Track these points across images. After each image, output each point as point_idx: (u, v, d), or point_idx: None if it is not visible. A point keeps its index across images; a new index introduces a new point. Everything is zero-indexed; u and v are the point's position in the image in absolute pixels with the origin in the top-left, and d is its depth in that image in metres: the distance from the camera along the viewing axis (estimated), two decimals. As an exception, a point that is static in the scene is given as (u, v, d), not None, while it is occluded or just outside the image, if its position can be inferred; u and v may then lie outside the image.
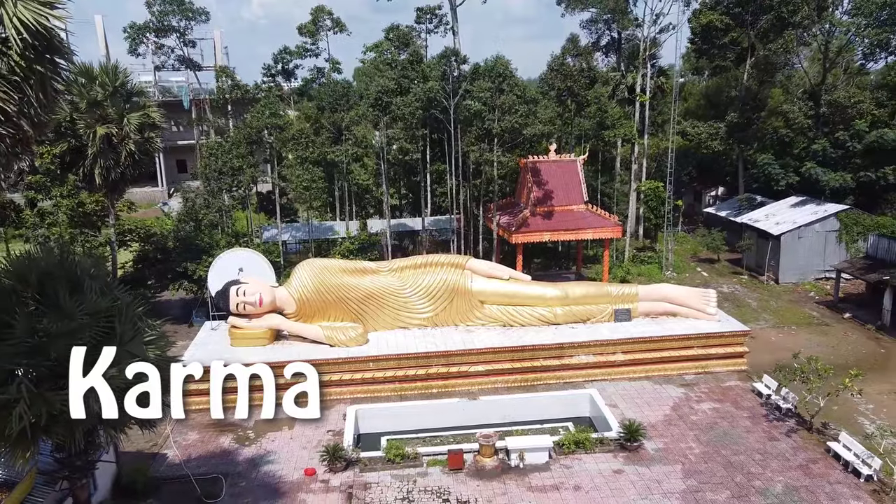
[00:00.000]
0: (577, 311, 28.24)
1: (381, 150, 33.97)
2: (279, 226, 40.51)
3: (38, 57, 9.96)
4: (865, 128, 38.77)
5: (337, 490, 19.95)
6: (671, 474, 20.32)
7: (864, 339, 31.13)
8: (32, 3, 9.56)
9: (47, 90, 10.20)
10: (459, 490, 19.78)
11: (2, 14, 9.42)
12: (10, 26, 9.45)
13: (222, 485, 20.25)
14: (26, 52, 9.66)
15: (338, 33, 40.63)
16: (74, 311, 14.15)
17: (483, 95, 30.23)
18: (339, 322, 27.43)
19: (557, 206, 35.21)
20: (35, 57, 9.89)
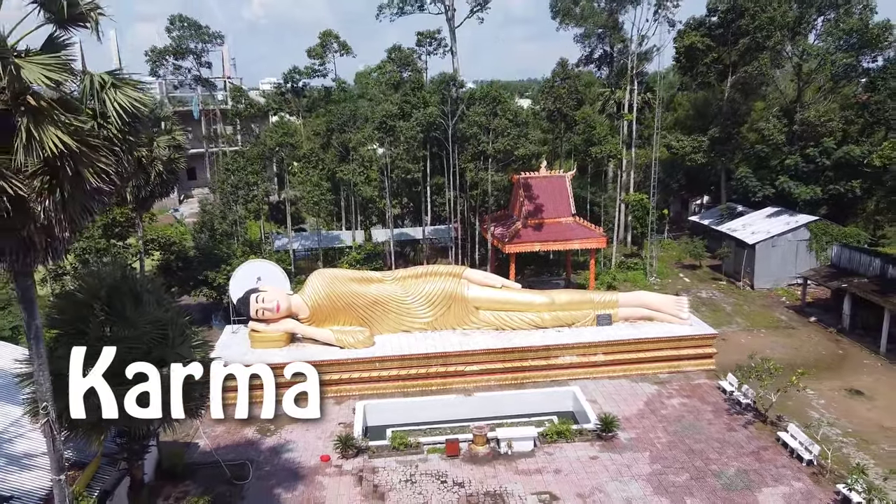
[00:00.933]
0: (562, 316, 31.25)
1: (386, 168, 36.97)
2: (289, 235, 43.52)
3: (130, 129, 12.96)
4: (833, 145, 41.79)
5: (349, 474, 22.97)
6: (640, 460, 23.35)
7: (826, 341, 34.17)
8: (127, 91, 12.56)
9: (133, 152, 13.21)
10: (455, 473, 22.80)
11: (105, 99, 12.42)
12: (111, 108, 12.45)
13: (249, 469, 23.27)
14: (122, 126, 12.67)
15: (343, 55, 43.62)
16: (137, 320, 17.21)
17: (479, 119, 33.24)
18: (348, 326, 30.41)
19: (547, 219, 38.21)
20: (127, 129, 12.89)
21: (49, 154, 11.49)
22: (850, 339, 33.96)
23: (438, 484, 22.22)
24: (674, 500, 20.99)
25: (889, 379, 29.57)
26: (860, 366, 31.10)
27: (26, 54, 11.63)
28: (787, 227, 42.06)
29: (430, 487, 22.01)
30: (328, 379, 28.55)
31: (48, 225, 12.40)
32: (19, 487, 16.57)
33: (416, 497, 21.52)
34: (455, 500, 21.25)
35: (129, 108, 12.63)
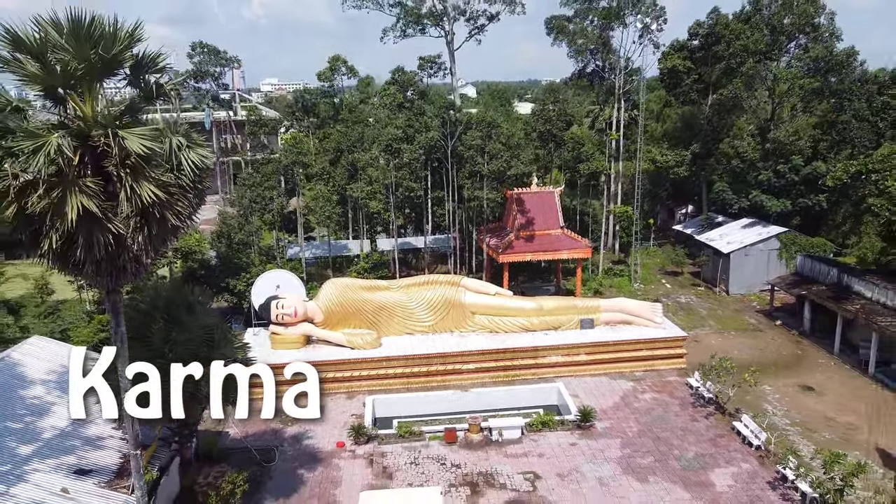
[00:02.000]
0: (549, 320, 34.91)
1: (391, 186, 40.62)
2: (301, 244, 47.21)
3: (198, 178, 16.63)
4: (801, 163, 45.45)
5: (361, 457, 26.64)
6: (612, 445, 27.03)
7: (787, 343, 37.85)
8: (197, 150, 16.21)
9: (203, 196, 16.91)
10: (453, 457, 26.47)
11: (181, 157, 16.07)
12: (186, 164, 16.10)
13: (275, 453, 26.95)
14: (193, 177, 16.33)
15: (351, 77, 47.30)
16: (192, 326, 20.90)
17: (475, 143, 36.91)
18: (358, 329, 34.06)
19: (538, 231, 41.87)
20: (197, 178, 16.55)
21: (144, 203, 15.19)
22: (810, 340, 37.64)
23: (438, 466, 25.89)
24: (638, 478, 24.67)
25: (838, 376, 33.26)
26: (815, 365, 34.79)
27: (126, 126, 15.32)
28: (760, 238, 45.73)
29: (432, 468, 25.69)
30: (341, 376, 32.40)
31: (138, 254, 16.09)
32: (96, 463, 20.24)
33: (419, 476, 25.19)
34: (453, 479, 24.93)
35: (198, 162, 16.31)
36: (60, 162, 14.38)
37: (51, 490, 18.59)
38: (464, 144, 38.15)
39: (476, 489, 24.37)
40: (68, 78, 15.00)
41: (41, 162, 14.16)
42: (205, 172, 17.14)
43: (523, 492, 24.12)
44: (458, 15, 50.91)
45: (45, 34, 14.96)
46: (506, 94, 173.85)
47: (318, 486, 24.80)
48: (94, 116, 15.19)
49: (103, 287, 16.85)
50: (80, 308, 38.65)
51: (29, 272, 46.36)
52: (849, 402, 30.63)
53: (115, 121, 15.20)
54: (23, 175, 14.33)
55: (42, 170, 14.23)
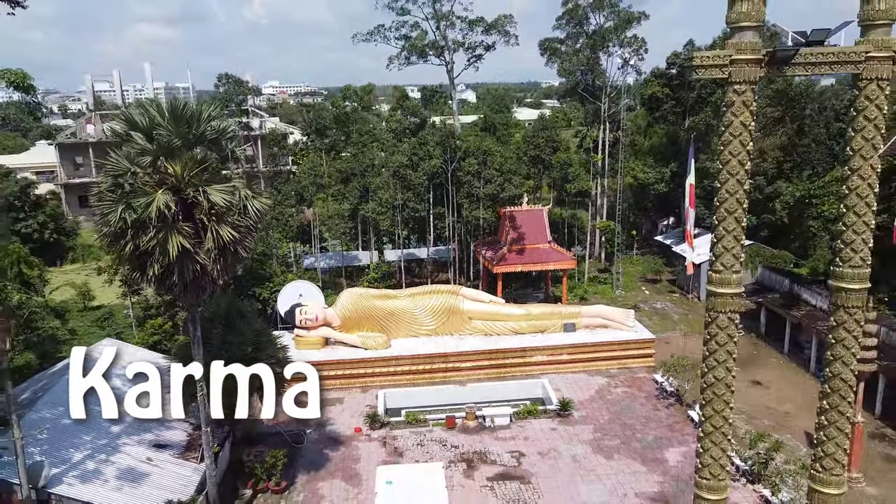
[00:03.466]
0: (536, 324, 40.18)
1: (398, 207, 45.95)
2: (316, 255, 52.51)
3: (259, 219, 21.94)
4: (764, 182, 50.74)
5: (376, 440, 31.90)
6: (586, 430, 32.29)
7: (745, 344, 43.07)
8: (260, 199, 21.53)
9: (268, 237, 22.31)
10: (452, 440, 31.72)
11: (247, 205, 21.35)
12: (251, 210, 21.37)
13: (304, 436, 32.19)
14: (256, 219, 21.64)
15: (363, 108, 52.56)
16: (244, 331, 26.19)
17: (471, 169, 42.22)
18: (370, 332, 39.31)
19: (528, 245, 47.11)
20: (258, 220, 21.86)
21: (223, 241, 20.49)
22: (765, 342, 42.94)
23: (440, 446, 31.15)
24: (605, 456, 29.96)
25: (784, 373, 38.55)
26: (766, 363, 40.08)
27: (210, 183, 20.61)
28: (727, 250, 50.88)
29: (434, 448, 30.97)
30: (356, 373, 37.71)
31: (215, 278, 21.40)
32: (169, 439, 25.52)
33: (424, 455, 30.47)
34: (452, 457, 30.20)
35: (260, 208, 21.65)
36: (165, 212, 19.70)
37: (138, 459, 23.89)
38: (462, 170, 43.52)
39: (471, 465, 29.65)
40: (168, 149, 20.32)
41: (152, 212, 19.47)
42: (263, 216, 22.52)
43: (510, 466, 29.41)
44: (458, 46, 56.20)
45: (152, 118, 20.29)
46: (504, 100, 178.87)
47: (341, 462, 30.09)
48: (186, 177, 20.49)
49: (188, 302, 22.19)
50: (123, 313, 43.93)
51: (74, 279, 51.72)
52: (789, 394, 35.94)
53: (202, 180, 20.54)
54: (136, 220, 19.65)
55: (153, 218, 19.56)
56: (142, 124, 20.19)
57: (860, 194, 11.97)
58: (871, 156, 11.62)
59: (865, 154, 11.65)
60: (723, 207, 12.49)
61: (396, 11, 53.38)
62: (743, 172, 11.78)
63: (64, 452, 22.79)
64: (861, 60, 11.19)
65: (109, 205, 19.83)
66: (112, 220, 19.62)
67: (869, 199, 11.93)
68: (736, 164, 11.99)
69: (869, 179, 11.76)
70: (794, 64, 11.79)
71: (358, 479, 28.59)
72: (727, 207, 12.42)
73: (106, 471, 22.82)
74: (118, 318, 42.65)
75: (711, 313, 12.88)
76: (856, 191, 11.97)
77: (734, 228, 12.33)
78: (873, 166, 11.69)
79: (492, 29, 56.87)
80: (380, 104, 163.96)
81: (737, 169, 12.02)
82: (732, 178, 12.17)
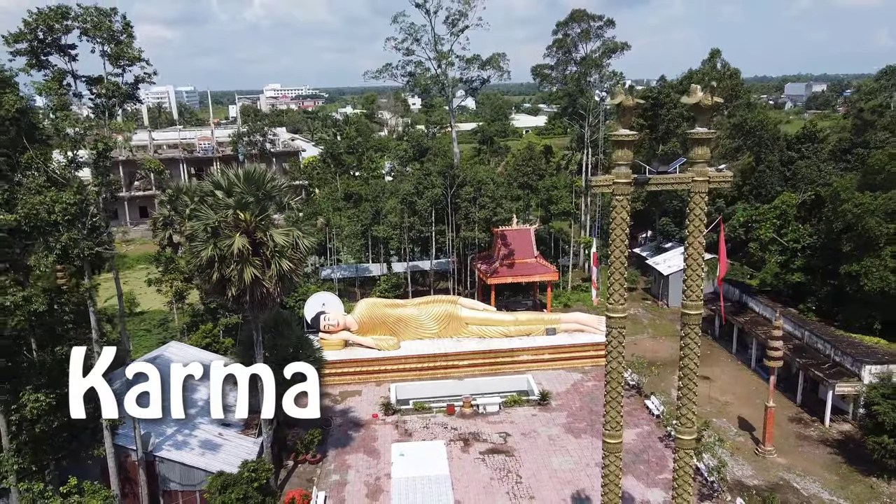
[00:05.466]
0: (523, 329, 47.54)
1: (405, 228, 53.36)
2: (332, 267, 59.88)
3: (307, 253, 29.30)
4: (723, 204, 58.14)
5: (390, 424, 39.23)
6: (561, 416, 39.65)
7: (701, 345, 50.39)
8: (309, 238, 28.89)
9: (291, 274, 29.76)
10: (452, 423, 39.06)
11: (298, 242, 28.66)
12: (302, 246, 28.68)
13: (331, 420, 39.52)
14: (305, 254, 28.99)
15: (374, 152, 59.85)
16: (288, 336, 33.53)
17: (467, 198, 49.60)
18: (383, 336, 46.64)
19: (517, 259, 54.44)
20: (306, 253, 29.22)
21: (283, 271, 27.86)
22: (718, 343, 50.34)
23: (442, 429, 38.52)
24: (574, 435, 37.32)
25: (730, 370, 45.93)
26: (716, 361, 47.48)
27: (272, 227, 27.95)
28: (692, 263, 58.32)
29: (437, 430, 38.32)
30: (372, 370, 45.04)
31: (275, 298, 28.77)
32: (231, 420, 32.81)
33: (429, 435, 37.79)
34: (451, 436, 37.54)
35: (309, 245, 29.05)
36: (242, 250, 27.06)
37: (212, 434, 31.22)
38: (460, 198, 50.95)
39: (467, 443, 37.01)
40: (244, 204, 27.69)
41: (234, 250, 26.86)
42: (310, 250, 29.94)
43: (498, 444, 36.78)
44: (457, 83, 63.62)
45: (230, 180, 27.68)
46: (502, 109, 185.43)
47: (362, 440, 37.46)
48: (254, 222, 27.86)
49: (255, 316, 29.57)
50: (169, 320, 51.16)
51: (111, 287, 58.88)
52: (731, 387, 43.32)
53: (266, 225, 27.94)
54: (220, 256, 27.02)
55: (233, 253, 26.92)
56: (223, 185, 27.58)
57: (694, 258, 19.35)
58: (699, 236, 19.07)
59: (695, 234, 19.11)
60: (612, 267, 19.66)
61: (403, 52, 60.73)
62: (624, 247, 18.98)
63: (158, 428, 30.07)
64: (689, 182, 18.68)
65: (201, 244, 27.17)
66: (203, 256, 26.98)
67: (700, 261, 19.36)
68: (619, 241, 19.23)
69: (699, 249, 19.25)
70: (650, 184, 19.30)
71: (377, 453, 35.96)
72: (615, 266, 19.60)
73: (191, 441, 30.12)
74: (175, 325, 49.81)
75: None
76: (691, 256, 19.38)
77: (619, 279, 19.43)
78: (701, 242, 19.15)
79: (486, 65, 64.22)
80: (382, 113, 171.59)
81: (619, 243, 19.23)
82: (617, 250, 19.41)
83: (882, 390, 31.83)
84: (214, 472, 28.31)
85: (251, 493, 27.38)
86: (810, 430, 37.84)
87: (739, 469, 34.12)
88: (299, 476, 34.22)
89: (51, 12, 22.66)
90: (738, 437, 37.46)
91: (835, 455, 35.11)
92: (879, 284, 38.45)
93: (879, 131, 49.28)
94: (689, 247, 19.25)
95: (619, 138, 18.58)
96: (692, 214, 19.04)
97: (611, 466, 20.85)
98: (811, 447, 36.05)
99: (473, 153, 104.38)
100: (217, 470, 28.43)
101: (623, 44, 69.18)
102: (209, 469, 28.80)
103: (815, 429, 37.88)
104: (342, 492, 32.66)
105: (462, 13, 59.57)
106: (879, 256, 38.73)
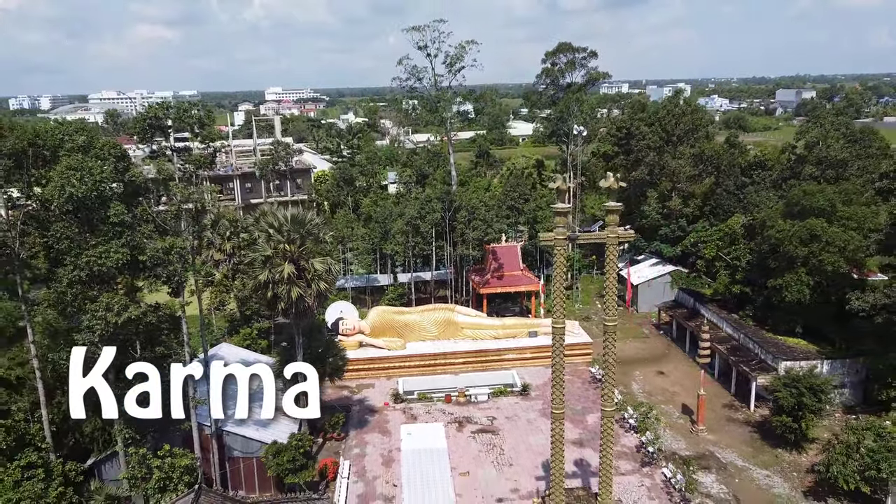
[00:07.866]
0: (509, 332, 56.41)
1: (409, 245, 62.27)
2: (345, 277, 68.82)
3: (337, 276, 38.09)
4: (685, 223, 67.03)
5: (399, 410, 48.09)
6: (538, 403, 48.50)
7: (661, 346, 59.38)
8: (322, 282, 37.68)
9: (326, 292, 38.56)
10: (450, 410, 47.92)
11: (331, 267, 37.47)
12: (334, 270, 37.51)
13: (351, 407, 48.40)
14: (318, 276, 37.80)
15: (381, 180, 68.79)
16: (319, 339, 42.38)
17: (462, 220, 58.51)
18: (392, 338, 55.47)
19: (506, 272, 63.35)
20: (337, 276, 38.00)
21: (321, 289, 36.73)
22: (676, 345, 59.26)
23: (441, 413, 47.40)
24: (548, 419, 46.01)
25: (683, 367, 54.82)
26: (672, 359, 56.38)
27: (313, 256, 36.79)
28: (658, 274, 67.29)
29: (437, 415, 47.22)
30: (383, 366, 53.93)
31: (314, 310, 37.64)
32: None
33: (431, 419, 46.67)
34: (449, 420, 46.41)
35: (322, 268, 37.96)
36: (290, 275, 35.98)
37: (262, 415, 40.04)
38: (456, 220, 59.92)
39: (461, 425, 45.91)
40: (291, 239, 36.61)
41: (284, 275, 35.78)
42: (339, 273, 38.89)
43: (486, 425, 45.68)
44: (455, 116, 72.59)
45: (280, 221, 36.62)
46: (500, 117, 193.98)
47: (377, 423, 46.37)
48: (300, 253, 36.79)
49: (296, 324, 38.48)
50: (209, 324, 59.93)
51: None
52: (682, 381, 52.21)
53: (308, 254, 36.89)
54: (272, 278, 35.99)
55: (284, 277, 35.85)
56: (274, 224, 36.50)
57: (610, 288, 28.29)
58: (613, 273, 28.07)
59: (610, 272, 28.14)
60: (554, 294, 28.52)
61: (406, 90, 69.68)
62: (562, 277, 27.87)
63: (229, 411, 38.81)
64: (606, 237, 27.70)
65: (259, 270, 36.08)
66: (261, 279, 35.88)
67: (613, 290, 28.41)
68: (559, 276, 28.11)
69: (612, 281, 28.27)
70: (580, 240, 28.31)
71: (389, 433, 44.85)
72: (556, 292, 28.45)
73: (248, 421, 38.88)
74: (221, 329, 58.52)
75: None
76: (608, 286, 28.34)
77: (560, 301, 28.28)
78: (614, 277, 28.15)
79: (480, 99, 73.28)
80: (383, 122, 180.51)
81: (559, 277, 28.13)
82: (557, 281, 28.28)
83: (783, 380, 40.73)
84: (269, 442, 37.16)
85: (297, 457, 36.23)
86: (738, 413, 46.76)
87: (676, 443, 43.04)
88: (328, 450, 43.13)
89: (158, 106, 31.54)
90: (679, 419, 46.39)
91: (753, 433, 44.02)
92: (797, 296, 47.30)
93: (808, 165, 57.95)
94: (606, 279, 28.17)
95: (557, 210, 27.48)
96: (608, 259, 27.99)
97: (556, 428, 29.63)
98: (736, 427, 44.97)
99: (471, 166, 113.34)
100: (271, 440, 37.27)
101: (604, 73, 78.32)
102: (264, 440, 37.64)
103: (742, 413, 46.80)
104: (363, 461, 41.56)
105: (458, 56, 68.49)
106: (797, 273, 47.58)
